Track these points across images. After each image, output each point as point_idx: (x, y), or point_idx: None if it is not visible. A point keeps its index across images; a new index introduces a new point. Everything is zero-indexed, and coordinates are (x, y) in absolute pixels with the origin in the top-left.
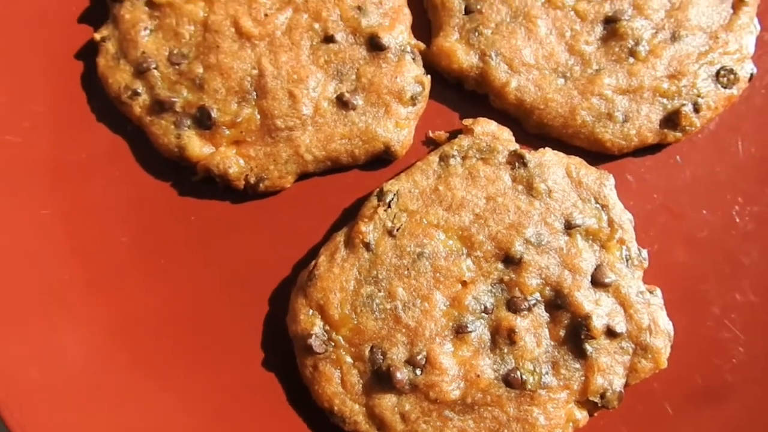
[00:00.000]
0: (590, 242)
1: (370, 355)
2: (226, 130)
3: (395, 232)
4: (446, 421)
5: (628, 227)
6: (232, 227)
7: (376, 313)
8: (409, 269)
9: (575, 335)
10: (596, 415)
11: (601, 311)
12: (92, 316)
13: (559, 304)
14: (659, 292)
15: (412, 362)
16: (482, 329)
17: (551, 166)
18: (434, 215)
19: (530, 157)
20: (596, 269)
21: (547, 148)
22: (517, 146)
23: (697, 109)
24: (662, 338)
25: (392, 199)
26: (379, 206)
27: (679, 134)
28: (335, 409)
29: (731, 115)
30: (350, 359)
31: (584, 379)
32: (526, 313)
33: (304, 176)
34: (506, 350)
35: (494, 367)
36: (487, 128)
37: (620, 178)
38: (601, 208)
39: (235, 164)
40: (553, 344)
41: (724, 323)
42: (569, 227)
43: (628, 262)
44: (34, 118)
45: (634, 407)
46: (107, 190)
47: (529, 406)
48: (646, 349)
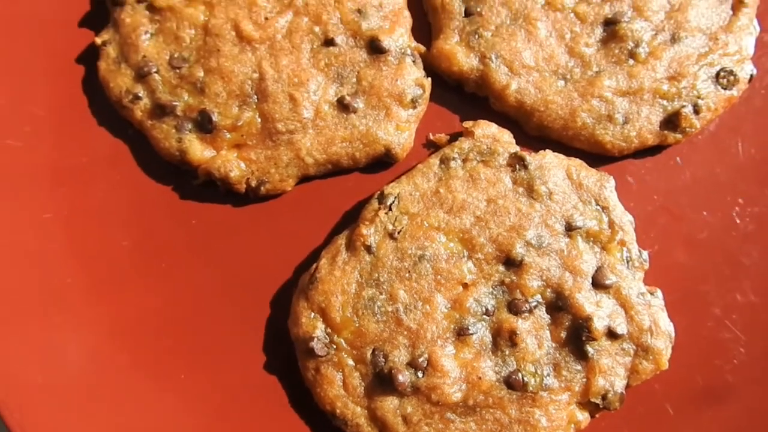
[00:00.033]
0: (591, 244)
1: (371, 357)
2: (227, 133)
3: (396, 234)
4: (448, 423)
5: (628, 229)
6: (233, 231)
7: (377, 315)
8: (410, 272)
9: (576, 337)
10: (598, 416)
11: (602, 313)
12: (93, 319)
13: (560, 305)
14: (660, 293)
15: (413, 365)
16: (483, 331)
17: (552, 168)
18: (435, 218)
19: (531, 159)
20: (597, 271)
21: (547, 150)
22: (517, 148)
23: (697, 110)
24: (663, 339)
25: (393, 201)
26: (380, 209)
27: (679, 136)
28: (337, 411)
29: (731, 116)
30: (352, 362)
31: (585, 380)
32: (527, 315)
33: (305, 179)
34: (508, 352)
35: (496, 369)
36: (487, 131)
37: (620, 179)
38: (601, 209)
39: (236, 168)
40: (554, 346)
41: (724, 324)
42: (570, 229)
43: (628, 263)
44: (35, 122)
45: (635, 408)
46: (108, 193)
47: (530, 407)
48: (647, 350)
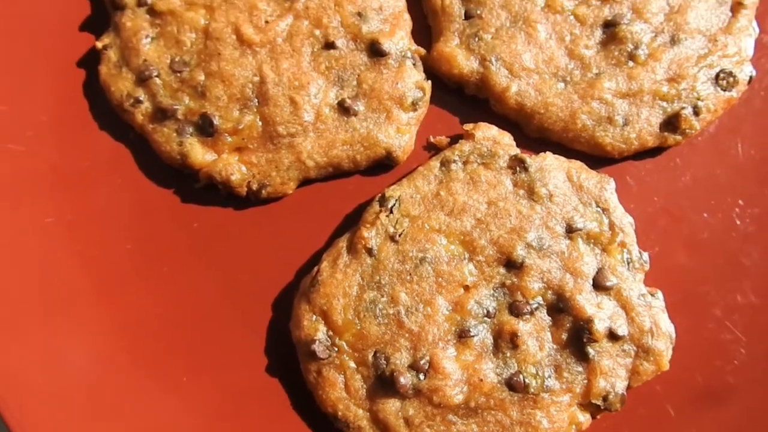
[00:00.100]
0: (591, 246)
1: (373, 360)
2: (228, 137)
3: (397, 237)
4: (450, 425)
5: (629, 230)
6: (234, 234)
7: (379, 318)
8: (411, 274)
9: (577, 338)
10: (599, 417)
11: (602, 314)
12: (96, 322)
13: (561, 307)
14: (660, 294)
15: (415, 367)
16: (485, 333)
17: (552, 170)
18: (436, 220)
19: (531, 161)
20: (598, 273)
21: (547, 152)
22: (517, 151)
23: (696, 112)
24: (664, 340)
25: (394, 204)
26: (381, 212)
27: (679, 137)
28: (339, 414)
29: (731, 117)
30: (354, 364)
31: (587, 382)
32: (528, 316)
33: (306, 182)
34: (509, 354)
35: (497, 370)
36: (487, 133)
37: (621, 181)
38: (602, 211)
39: (237, 171)
40: (555, 348)
41: (725, 325)
42: (570, 231)
43: (629, 265)
44: (36, 126)
45: (636, 409)
46: (110, 197)
47: (532, 409)
48: (648, 351)
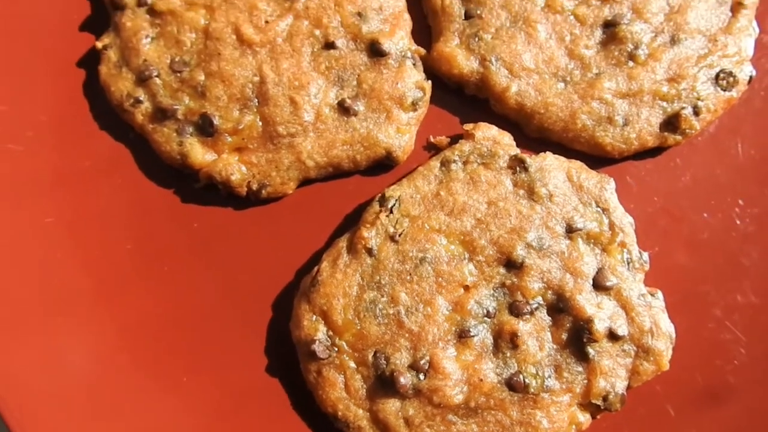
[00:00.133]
0: (591, 246)
1: (373, 360)
2: (228, 137)
3: (397, 237)
4: (450, 425)
5: (629, 230)
6: (234, 234)
7: (379, 318)
8: (411, 274)
9: (577, 338)
10: (599, 417)
11: (602, 314)
12: (96, 322)
13: (561, 307)
14: (660, 294)
15: (415, 367)
16: (485, 333)
17: (552, 170)
18: (436, 220)
19: (531, 161)
20: (598, 273)
21: (547, 152)
22: (517, 151)
23: (696, 112)
24: (664, 340)
25: (394, 204)
26: (381, 212)
27: (679, 137)
28: (339, 414)
29: (731, 117)
30: (354, 364)
31: (587, 382)
32: (528, 316)
33: (306, 182)
34: (509, 354)
35: (497, 370)
36: (487, 133)
37: (621, 181)
38: (602, 211)
39: (237, 171)
40: (555, 348)
41: (725, 325)
42: (570, 231)
43: (629, 265)
44: (36, 126)
45: (636, 409)
46: (110, 197)
47: (532, 409)
48: (648, 351)
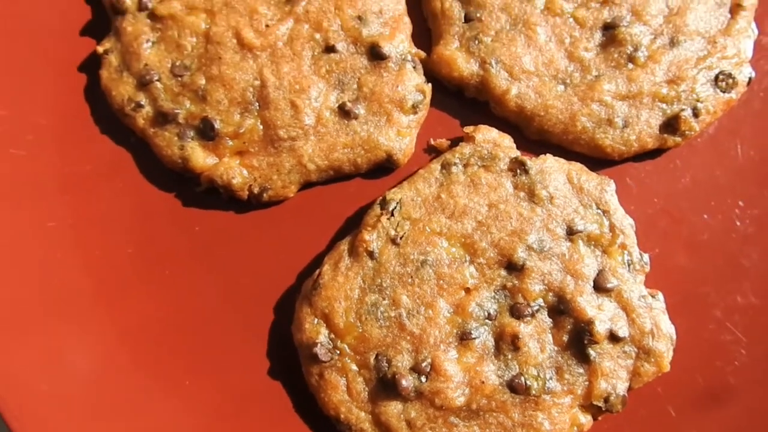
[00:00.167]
0: (592, 248)
1: (375, 362)
2: (229, 140)
3: (398, 240)
4: (452, 427)
5: (629, 232)
6: (236, 237)
7: (380, 321)
8: (412, 277)
9: (578, 340)
10: (600, 419)
11: (603, 316)
12: (98, 326)
13: (562, 309)
14: (661, 296)
15: (417, 369)
16: (486, 336)
17: (552, 172)
18: (437, 223)
19: (531, 163)
20: (598, 274)
21: (548, 154)
22: (518, 153)
23: (696, 113)
24: (665, 342)
25: (395, 207)
26: (382, 215)
27: (678, 139)
28: (341, 416)
29: (730, 119)
30: (356, 367)
31: (588, 383)
32: (529, 319)
33: (307, 185)
34: (510, 356)
35: (498, 373)
36: (488, 135)
37: (621, 183)
38: (602, 213)
39: (238, 175)
40: (556, 349)
41: (725, 326)
42: (571, 233)
43: (629, 266)
44: (37, 131)
45: (637, 411)
46: (112, 201)
47: (533, 411)
48: (648, 352)
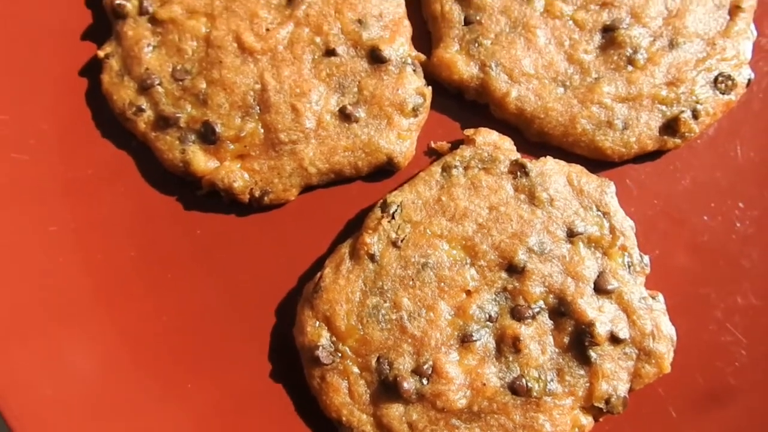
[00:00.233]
0: (592, 249)
1: (376, 365)
2: (230, 144)
3: (399, 243)
4: (453, 429)
5: (629, 234)
6: (237, 240)
7: (382, 323)
8: (413, 280)
9: (579, 342)
10: (601, 420)
11: (604, 318)
12: (100, 329)
13: (562, 311)
14: (661, 297)
15: (418, 372)
16: (487, 338)
17: (552, 174)
18: (438, 225)
19: (532, 166)
20: (599, 276)
21: (548, 156)
22: (518, 155)
23: (695, 115)
24: (665, 343)
25: (396, 210)
26: (383, 217)
27: (678, 141)
28: (343, 419)
29: (730, 120)
30: (357, 370)
31: (589, 385)
32: (530, 321)
33: (308, 189)
34: (511, 358)
35: (500, 375)
36: (488, 138)
37: (621, 185)
38: (602, 215)
39: (239, 178)
40: (557, 351)
41: (726, 327)
42: (571, 235)
43: (630, 268)
44: (39, 135)
45: (638, 412)
46: (113, 205)
47: (534, 413)
48: (649, 354)
